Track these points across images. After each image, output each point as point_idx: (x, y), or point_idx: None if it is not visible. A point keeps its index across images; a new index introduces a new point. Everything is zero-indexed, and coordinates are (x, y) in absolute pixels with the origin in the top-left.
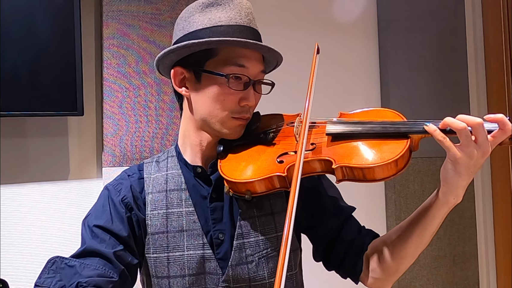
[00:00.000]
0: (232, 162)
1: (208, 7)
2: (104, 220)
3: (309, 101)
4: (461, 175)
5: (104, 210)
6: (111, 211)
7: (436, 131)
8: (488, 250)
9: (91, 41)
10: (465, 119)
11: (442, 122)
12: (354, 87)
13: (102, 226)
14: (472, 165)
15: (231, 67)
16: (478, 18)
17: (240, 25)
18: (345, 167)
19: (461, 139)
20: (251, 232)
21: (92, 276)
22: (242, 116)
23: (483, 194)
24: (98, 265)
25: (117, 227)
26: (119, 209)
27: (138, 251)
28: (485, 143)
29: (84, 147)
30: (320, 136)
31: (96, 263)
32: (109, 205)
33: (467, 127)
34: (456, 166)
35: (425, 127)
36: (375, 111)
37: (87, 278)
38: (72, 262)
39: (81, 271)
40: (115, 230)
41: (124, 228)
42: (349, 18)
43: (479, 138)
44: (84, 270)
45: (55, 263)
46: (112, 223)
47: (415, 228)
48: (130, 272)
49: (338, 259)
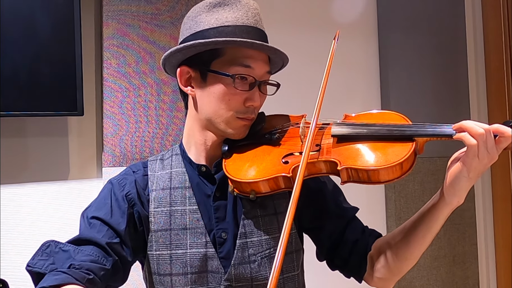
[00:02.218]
0: (237, 162)
1: (215, 7)
2: (104, 212)
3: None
4: (470, 180)
5: (105, 203)
6: (112, 204)
7: (466, 135)
8: (488, 250)
9: (91, 41)
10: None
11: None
12: (354, 87)
13: (101, 218)
14: (481, 170)
15: (237, 68)
16: (478, 18)
17: (247, 25)
18: (351, 168)
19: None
20: (254, 231)
21: (85, 261)
22: (247, 117)
23: (483, 194)
24: (93, 251)
25: (116, 220)
26: (121, 204)
27: (135, 249)
28: (494, 149)
29: (84, 147)
30: (325, 138)
31: (90, 250)
32: (111, 198)
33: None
34: (470, 171)
35: (454, 137)
36: (381, 114)
37: (80, 262)
38: (66, 247)
39: (75, 256)
40: (113, 223)
41: (123, 223)
42: (349, 18)
43: (489, 145)
44: (78, 255)
45: (49, 246)
46: (111, 216)
47: (418, 230)
48: (123, 266)
49: (342, 259)
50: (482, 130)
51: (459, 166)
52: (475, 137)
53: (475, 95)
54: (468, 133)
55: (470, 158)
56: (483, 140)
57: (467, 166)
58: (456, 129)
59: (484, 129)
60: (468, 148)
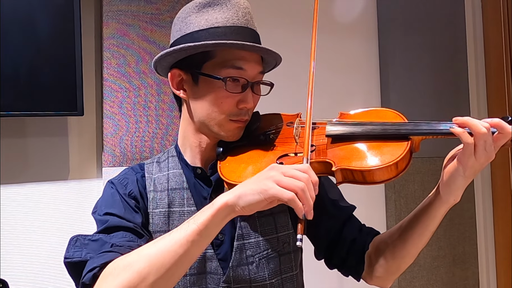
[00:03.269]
0: (232, 164)
1: (205, 7)
2: (117, 209)
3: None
4: (467, 178)
5: (114, 199)
6: (122, 200)
7: (464, 133)
8: (488, 250)
9: (91, 41)
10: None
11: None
12: (354, 87)
13: (115, 214)
14: (478, 169)
15: (228, 70)
16: (478, 18)
17: (238, 26)
18: (345, 169)
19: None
20: (251, 233)
21: (122, 242)
22: (240, 119)
23: (483, 194)
24: (125, 234)
25: (130, 214)
26: (128, 200)
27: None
28: (491, 148)
29: (84, 147)
30: (320, 138)
31: (121, 234)
32: (119, 195)
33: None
34: (466, 170)
35: (451, 130)
36: (376, 111)
37: (119, 242)
38: (96, 236)
39: (109, 240)
40: (128, 218)
41: (138, 216)
42: (349, 18)
43: (487, 144)
44: (112, 239)
45: (78, 240)
46: (124, 211)
47: (416, 228)
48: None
49: (340, 258)
50: (484, 130)
51: (454, 164)
52: (474, 135)
53: (475, 94)
54: (470, 130)
55: (467, 156)
56: (483, 139)
57: (463, 164)
58: (458, 123)
59: (486, 128)
60: (465, 146)
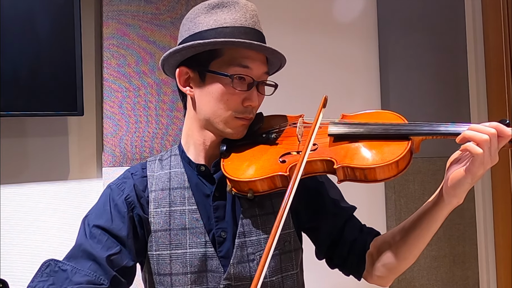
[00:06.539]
0: (235, 161)
1: (214, 8)
2: (104, 219)
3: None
4: (472, 183)
5: (105, 209)
6: (112, 210)
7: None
8: (488, 250)
9: (91, 41)
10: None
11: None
12: (354, 87)
13: (102, 226)
14: (483, 173)
15: (235, 68)
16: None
17: (245, 27)
18: (347, 167)
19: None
20: (252, 230)
21: (81, 283)
22: (245, 117)
23: (483, 194)
24: (90, 270)
25: (117, 226)
26: (120, 208)
27: (138, 251)
28: (496, 152)
29: (84, 147)
30: (322, 137)
31: (87, 268)
32: (110, 204)
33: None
34: (475, 178)
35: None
36: (377, 113)
37: (77, 285)
38: (65, 266)
39: (72, 277)
40: (114, 229)
41: (124, 228)
42: (349, 18)
43: (493, 149)
44: (75, 275)
45: (49, 266)
46: (112, 222)
47: (418, 230)
48: (125, 275)
49: (341, 258)
50: (486, 136)
51: (462, 173)
52: (480, 145)
53: (475, 95)
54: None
55: (476, 166)
56: (488, 146)
57: (472, 173)
58: (460, 141)
59: (489, 134)
60: (475, 157)
